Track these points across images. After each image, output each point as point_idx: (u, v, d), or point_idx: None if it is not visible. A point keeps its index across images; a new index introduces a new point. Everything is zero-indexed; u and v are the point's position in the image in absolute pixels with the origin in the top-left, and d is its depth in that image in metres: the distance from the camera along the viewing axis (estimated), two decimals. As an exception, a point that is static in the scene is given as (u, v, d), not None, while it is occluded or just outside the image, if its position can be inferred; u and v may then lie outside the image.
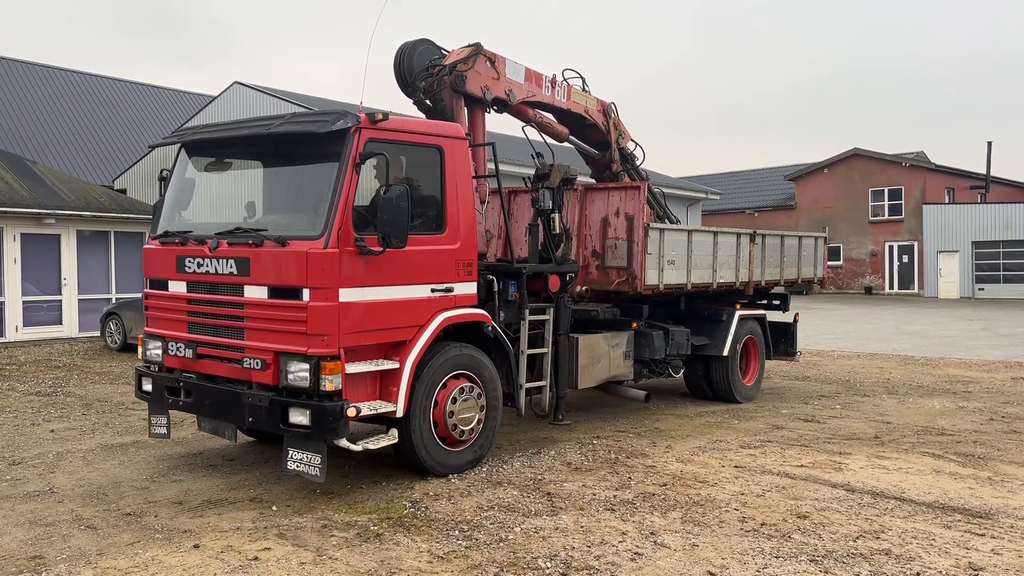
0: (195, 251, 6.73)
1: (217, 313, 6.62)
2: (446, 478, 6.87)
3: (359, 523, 5.76)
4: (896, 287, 40.25)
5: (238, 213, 7.32)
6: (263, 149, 7.00)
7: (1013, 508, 6.16)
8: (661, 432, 8.86)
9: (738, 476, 7.01)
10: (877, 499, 6.37)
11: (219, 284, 6.57)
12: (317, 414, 5.97)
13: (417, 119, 7.63)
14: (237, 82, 27.41)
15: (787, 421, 9.53)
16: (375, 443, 6.35)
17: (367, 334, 6.30)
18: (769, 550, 5.23)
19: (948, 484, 6.83)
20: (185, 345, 6.81)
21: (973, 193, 41.86)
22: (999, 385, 12.43)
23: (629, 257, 9.19)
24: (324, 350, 6.00)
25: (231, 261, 6.44)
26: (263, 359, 6.23)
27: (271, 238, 6.25)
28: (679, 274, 9.73)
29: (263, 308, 6.29)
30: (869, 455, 7.81)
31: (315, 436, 6.02)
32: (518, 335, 7.72)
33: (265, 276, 6.26)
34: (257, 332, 6.32)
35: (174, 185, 7.42)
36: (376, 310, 6.34)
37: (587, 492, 6.49)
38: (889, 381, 12.81)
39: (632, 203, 9.29)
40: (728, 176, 49.93)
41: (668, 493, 6.48)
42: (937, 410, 10.34)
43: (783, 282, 11.71)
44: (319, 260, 6.01)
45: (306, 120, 6.41)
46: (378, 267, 6.29)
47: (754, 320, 11.17)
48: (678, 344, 9.91)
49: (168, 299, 7.05)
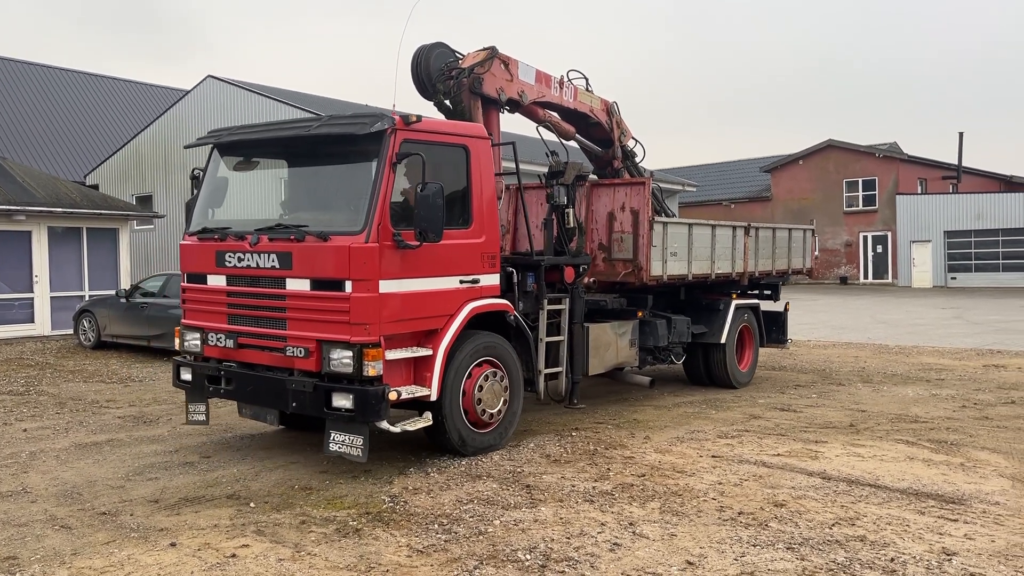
0: (235, 246, 7.10)
1: (259, 305, 7.00)
2: (425, 472, 6.87)
3: (338, 518, 5.74)
4: (871, 277, 40.71)
5: (264, 210, 7.75)
6: (299, 149, 7.33)
7: (985, 493, 6.25)
8: (639, 423, 8.90)
9: (716, 466, 7.06)
10: (852, 486, 6.45)
11: (260, 277, 6.95)
12: (361, 398, 6.35)
13: (446, 121, 8.02)
14: (211, 76, 27.14)
15: (764, 411, 9.61)
16: (412, 425, 6.78)
17: (403, 323, 6.72)
18: (747, 538, 5.28)
19: (922, 470, 6.92)
20: (226, 336, 7.17)
21: (945, 183, 42.38)
22: (971, 372, 12.61)
23: (635, 250, 9.65)
24: (366, 338, 6.42)
25: (273, 256, 6.83)
26: (306, 347, 6.63)
27: (313, 233, 6.62)
28: (681, 265, 10.20)
29: (306, 299, 6.67)
30: (844, 443, 7.90)
31: (358, 419, 6.41)
32: (535, 324, 8.13)
33: (308, 269, 6.64)
34: (299, 322, 6.71)
35: (207, 184, 7.77)
36: (411, 300, 6.75)
37: (566, 484, 6.51)
38: (864, 370, 12.95)
39: (637, 198, 9.71)
40: (704, 168, 50.18)
41: (646, 484, 6.51)
42: (911, 398, 10.47)
43: (775, 272, 12.20)
44: (361, 254, 6.42)
45: (345, 122, 6.80)
46: (412, 260, 6.71)
47: (748, 309, 11.68)
48: (679, 332, 10.39)
49: (207, 292, 7.39)
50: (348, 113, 7.46)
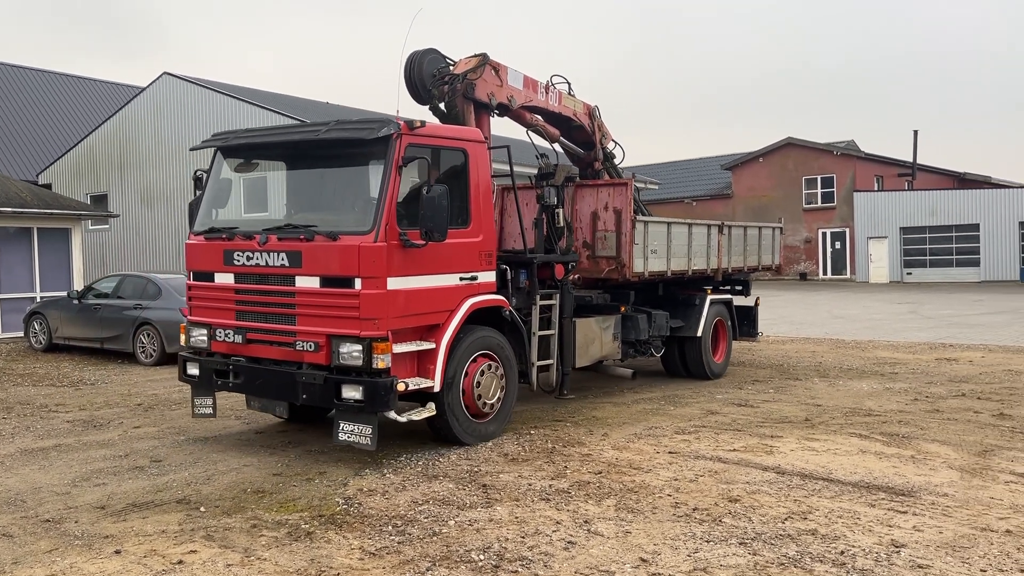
0: (243, 246, 7.35)
1: (268, 301, 7.28)
2: (381, 473, 6.81)
3: (290, 522, 5.65)
4: (829, 273, 41.37)
5: (269, 210, 8.06)
6: (305, 153, 7.62)
7: (934, 485, 6.35)
8: (598, 420, 8.91)
9: (672, 462, 7.09)
10: (806, 480, 6.51)
11: (269, 275, 7.23)
12: (370, 389, 6.66)
13: (447, 125, 8.30)
14: (167, 73, 26.68)
15: (721, 406, 9.69)
16: (417, 415, 7.11)
17: (408, 318, 7.03)
18: (700, 534, 5.30)
19: (873, 464, 7.01)
20: (234, 331, 7.43)
21: (901, 180, 43.19)
22: (924, 366, 12.85)
23: (618, 247, 10.00)
24: (375, 332, 6.72)
25: (282, 255, 7.10)
26: (316, 342, 6.92)
27: (322, 233, 6.90)
28: (660, 262, 10.63)
29: (316, 296, 6.97)
30: (799, 437, 7.98)
31: (368, 409, 6.70)
32: (527, 318, 8.47)
33: (317, 267, 6.93)
34: (309, 318, 7.01)
35: (211, 185, 8.02)
36: (416, 297, 7.06)
37: (523, 483, 6.48)
38: (821, 365, 13.13)
39: (620, 198, 10.08)
40: (666, 166, 50.53)
41: (603, 481, 6.51)
42: (865, 392, 10.63)
43: (746, 268, 12.76)
44: (370, 253, 6.72)
45: (352, 127, 7.13)
46: (416, 258, 7.01)
47: (722, 304, 12.17)
48: (659, 326, 10.84)
49: (215, 290, 7.64)
50: (348, 117, 7.80)
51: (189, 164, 26.17)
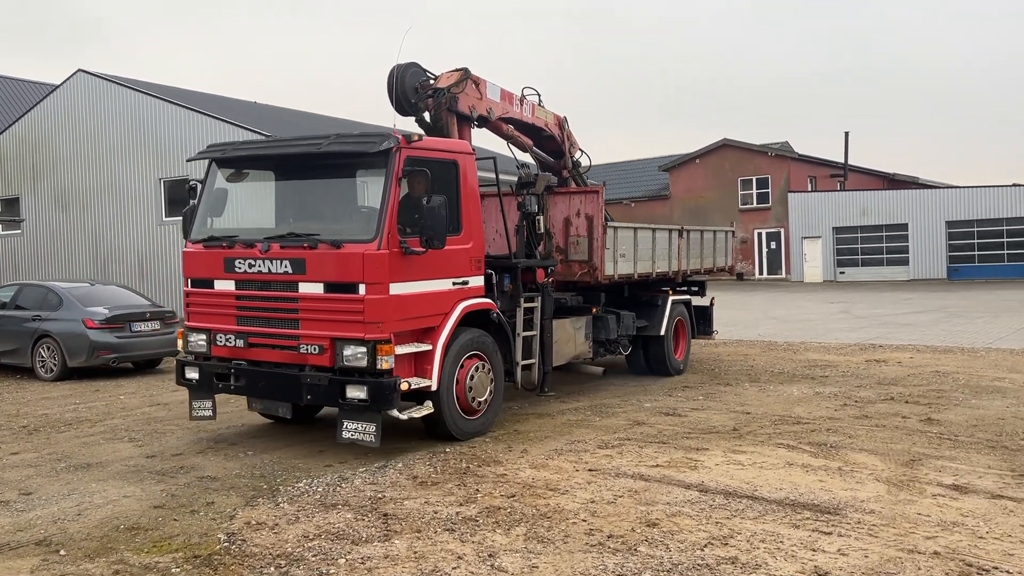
0: (245, 253, 7.61)
1: (271, 307, 7.55)
2: (275, 502, 6.24)
3: (160, 565, 5.05)
4: (766, 272, 41.83)
5: (260, 219, 8.31)
6: (302, 164, 7.86)
7: (860, 501, 6.06)
8: (520, 435, 8.46)
9: (591, 481, 6.66)
10: (729, 499, 6.15)
11: (272, 282, 7.50)
12: (375, 389, 7.00)
13: (440, 138, 8.60)
14: (81, 70, 25.42)
15: (649, 416, 9.34)
16: (417, 412, 7.45)
17: (408, 321, 7.39)
18: (612, 567, 4.87)
19: (800, 478, 6.70)
20: (235, 336, 7.69)
21: (833, 181, 43.91)
22: (854, 368, 12.74)
23: (590, 252, 10.43)
24: (379, 335, 7.06)
25: (286, 262, 7.36)
26: (320, 345, 7.23)
27: (325, 242, 7.21)
28: (629, 265, 11.19)
29: (319, 301, 7.27)
30: (726, 450, 7.65)
31: (372, 408, 7.04)
32: (512, 320, 8.90)
33: (321, 274, 7.24)
34: (313, 322, 7.31)
35: (207, 195, 8.23)
36: (414, 301, 7.43)
37: (428, 510, 5.98)
38: (752, 368, 12.92)
39: (592, 205, 10.52)
40: (605, 168, 50.39)
41: (515, 505, 6.05)
42: (795, 397, 10.41)
43: (703, 270, 13.41)
44: (374, 260, 7.05)
45: (353, 141, 7.51)
46: (414, 265, 7.35)
47: (682, 304, 12.83)
48: (626, 326, 11.40)
49: (215, 296, 7.87)
50: (356, 133, 7.97)
51: (106, 166, 24.98)
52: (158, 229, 24.75)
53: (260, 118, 26.55)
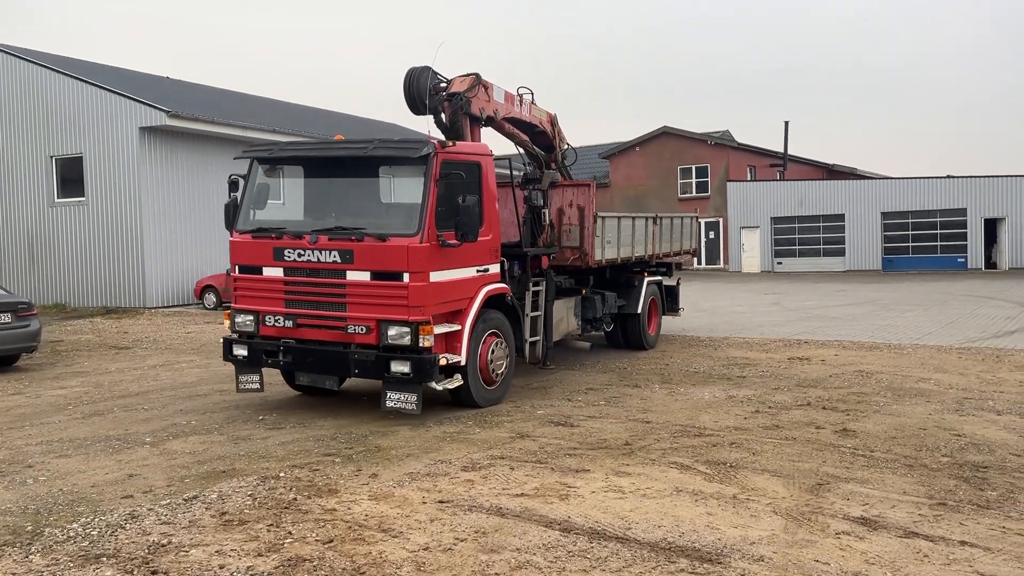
0: (293, 244, 8.41)
1: (319, 292, 8.34)
2: (25, 553, 4.95)
3: None
4: (704, 262, 41.19)
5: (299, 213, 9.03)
6: (343, 165, 8.68)
7: (750, 544, 5.02)
8: (380, 451, 7.28)
9: (435, 518, 5.51)
10: (594, 542, 5.05)
11: (320, 270, 8.30)
12: (418, 364, 7.95)
13: (466, 143, 9.32)
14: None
15: (537, 426, 8.23)
16: (450, 383, 8.37)
17: (443, 305, 8.34)
18: (412, 653, 3.72)
19: (685, 510, 5.65)
20: (284, 317, 8.51)
21: (772, 171, 43.50)
22: (774, 368, 11.83)
23: (581, 239, 11.49)
24: (421, 317, 7.97)
25: (334, 252, 8.20)
26: (367, 325, 8.10)
27: (371, 235, 8.05)
28: (613, 250, 12.27)
29: (366, 287, 8.12)
30: (609, 471, 6.58)
31: (415, 380, 7.97)
32: (521, 302, 9.88)
33: (368, 263, 8.08)
34: (359, 305, 8.16)
35: (250, 189, 9.04)
36: (448, 287, 8.37)
37: (213, 564, 4.75)
38: (667, 368, 11.92)
39: (583, 196, 11.57)
40: (545, 153, 49.41)
41: (327, 555, 4.86)
42: (705, 402, 9.42)
43: (672, 253, 14.65)
44: (417, 252, 7.95)
45: (397, 147, 8.42)
46: (447, 255, 8.28)
47: (655, 284, 14.11)
48: (609, 305, 12.64)
49: (263, 281, 8.67)
50: (397, 139, 8.82)
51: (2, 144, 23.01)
52: (49, 211, 22.89)
53: (167, 94, 24.80)
